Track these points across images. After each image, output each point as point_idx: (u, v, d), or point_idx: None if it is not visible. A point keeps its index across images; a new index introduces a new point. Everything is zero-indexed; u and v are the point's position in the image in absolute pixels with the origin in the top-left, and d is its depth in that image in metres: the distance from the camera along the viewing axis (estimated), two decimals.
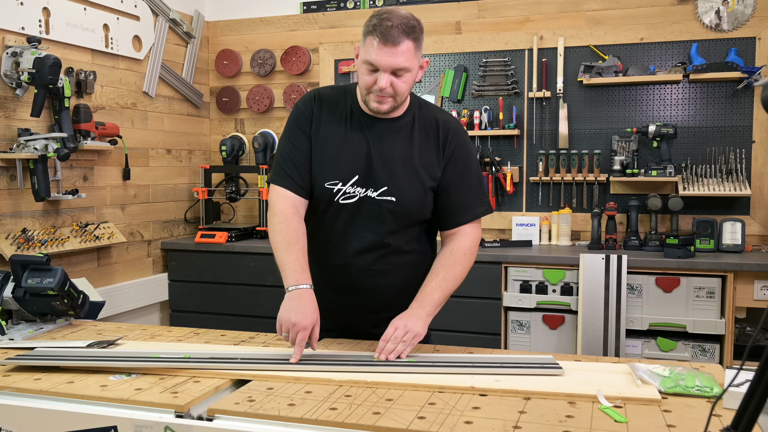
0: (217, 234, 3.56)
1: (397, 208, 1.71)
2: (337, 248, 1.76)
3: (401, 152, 1.72)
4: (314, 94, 1.78)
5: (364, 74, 1.63)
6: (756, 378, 0.83)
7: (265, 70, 4.00)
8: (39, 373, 1.48)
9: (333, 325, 1.84)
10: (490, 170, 3.59)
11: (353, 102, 1.75)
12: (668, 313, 2.98)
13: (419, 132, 1.75)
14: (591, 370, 1.48)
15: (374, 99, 1.64)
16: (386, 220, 1.71)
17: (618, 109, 3.49)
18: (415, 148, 1.73)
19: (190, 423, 1.25)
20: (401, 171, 1.71)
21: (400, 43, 1.58)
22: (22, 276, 1.86)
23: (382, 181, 1.70)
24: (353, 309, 1.81)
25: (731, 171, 3.29)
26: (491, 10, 3.65)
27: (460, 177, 1.75)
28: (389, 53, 1.57)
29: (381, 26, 1.58)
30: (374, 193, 1.70)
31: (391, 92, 1.62)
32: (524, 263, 3.15)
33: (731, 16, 3.29)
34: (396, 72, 1.60)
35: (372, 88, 1.62)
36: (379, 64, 1.58)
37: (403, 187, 1.70)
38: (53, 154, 2.74)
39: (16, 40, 2.72)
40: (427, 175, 1.73)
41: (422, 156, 1.73)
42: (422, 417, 1.21)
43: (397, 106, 1.68)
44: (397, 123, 1.74)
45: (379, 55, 1.57)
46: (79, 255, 3.09)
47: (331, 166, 1.72)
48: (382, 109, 1.66)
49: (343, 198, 1.71)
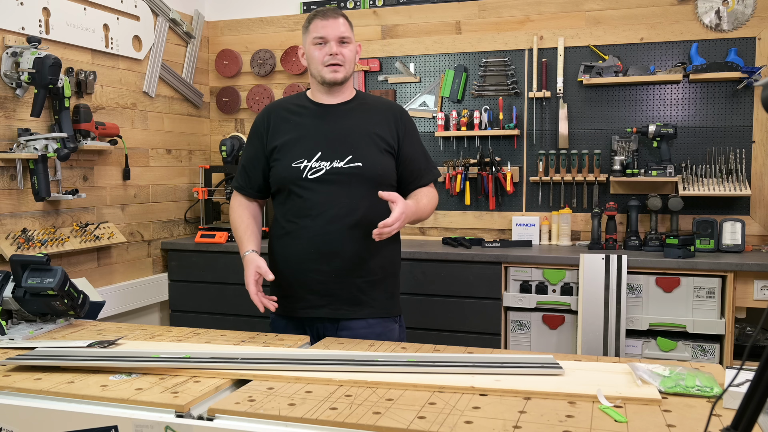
0: (217, 234, 3.56)
1: (365, 172, 1.95)
2: (317, 219, 1.95)
3: (357, 126, 2.00)
4: (267, 108, 2.11)
5: (315, 51, 1.96)
6: (756, 378, 0.83)
7: (265, 70, 4.00)
8: (39, 373, 1.48)
9: (323, 301, 1.97)
10: (490, 170, 3.59)
11: (305, 99, 2.06)
12: (668, 313, 2.98)
13: (369, 111, 2.04)
14: (591, 370, 1.48)
15: (329, 70, 1.96)
16: (356, 184, 1.94)
17: (618, 109, 3.49)
18: (369, 121, 2.01)
19: (191, 423, 1.25)
20: (361, 140, 1.98)
21: (338, 17, 1.96)
22: (22, 276, 1.86)
23: (346, 152, 1.95)
24: (340, 275, 1.96)
25: (731, 171, 3.29)
26: (491, 10, 3.65)
27: (415, 148, 2.08)
28: (332, 25, 1.95)
29: (319, 12, 1.98)
30: (341, 163, 1.95)
31: (341, 59, 1.95)
32: (524, 263, 3.15)
33: (731, 16, 3.29)
34: (340, 41, 1.95)
35: (325, 59, 1.95)
36: (326, 34, 1.94)
37: (366, 153, 1.96)
38: (53, 154, 2.74)
39: (16, 40, 2.72)
40: (384, 142, 2.00)
41: (377, 127, 2.00)
42: (422, 417, 1.21)
43: (348, 76, 2.00)
44: (347, 106, 2.03)
45: (326, 29, 1.94)
46: (79, 255, 3.09)
47: (294, 148, 1.98)
48: (338, 78, 1.96)
49: (311, 173, 1.95)
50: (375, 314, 2.01)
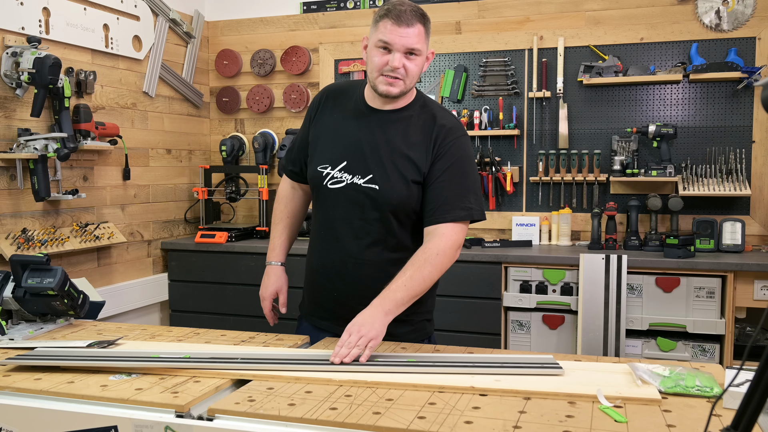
0: (217, 234, 3.56)
1: (378, 197, 1.73)
2: (326, 233, 1.84)
3: (392, 143, 1.75)
4: (325, 89, 1.92)
5: (376, 56, 1.68)
6: (756, 378, 0.83)
7: (265, 70, 4.00)
8: (39, 373, 1.48)
9: (327, 314, 1.90)
10: (490, 170, 3.59)
11: (360, 94, 1.82)
12: (668, 313, 2.98)
13: (415, 127, 1.77)
14: (591, 370, 1.48)
15: (385, 81, 1.69)
16: (368, 208, 1.75)
17: (618, 109, 3.49)
18: (407, 141, 1.75)
19: (191, 423, 1.25)
20: (387, 160, 1.74)
21: (414, 24, 1.65)
22: (22, 276, 1.86)
23: (369, 170, 1.75)
24: (342, 296, 1.84)
25: (731, 171, 3.29)
26: (491, 10, 3.65)
27: (447, 175, 1.72)
28: (403, 33, 1.64)
29: (395, 10, 1.65)
30: (361, 180, 1.75)
31: (402, 74, 1.67)
32: (524, 263, 3.15)
33: (731, 16, 3.29)
34: (408, 52, 1.67)
35: (384, 69, 1.67)
36: (393, 43, 1.65)
37: (387, 177, 1.73)
38: (53, 154, 2.74)
39: (16, 40, 2.72)
40: (414, 168, 1.73)
41: (412, 149, 1.74)
42: (422, 417, 1.21)
43: (406, 91, 1.72)
44: (395, 115, 1.78)
45: (393, 35, 1.64)
46: (79, 255, 3.09)
47: (324, 150, 1.81)
48: (392, 92, 1.70)
49: (331, 182, 1.78)
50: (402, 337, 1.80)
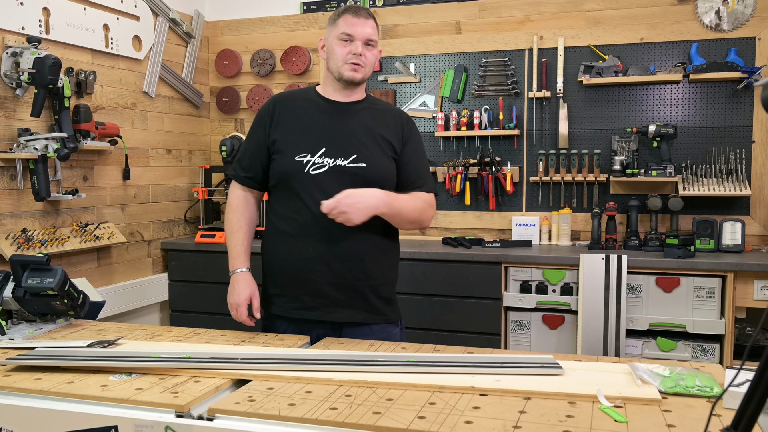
0: (217, 234, 3.56)
1: (368, 173, 1.91)
2: (318, 218, 1.87)
3: (365, 126, 1.97)
4: (274, 97, 2.06)
5: (339, 47, 1.92)
6: (756, 378, 0.83)
7: (265, 70, 4.00)
8: (39, 373, 1.48)
9: (318, 303, 1.93)
10: (490, 170, 3.59)
11: (314, 94, 2.02)
12: (668, 313, 2.98)
13: (379, 113, 2.01)
14: (591, 370, 1.48)
15: (350, 68, 1.91)
16: (359, 185, 1.86)
17: (618, 109, 3.49)
18: (378, 123, 1.98)
19: (191, 423, 1.25)
20: (368, 140, 1.94)
21: (369, 19, 1.94)
22: (22, 276, 1.86)
23: (351, 150, 1.92)
24: (337, 277, 1.92)
25: (731, 171, 3.29)
26: (491, 10, 3.65)
27: (416, 155, 2.02)
28: (362, 24, 1.91)
29: (351, 7, 1.94)
30: (345, 162, 1.91)
31: (364, 61, 1.92)
32: (524, 263, 3.15)
33: (731, 16, 3.29)
34: (367, 42, 1.92)
35: (348, 57, 1.91)
36: (355, 33, 1.90)
37: (371, 154, 1.93)
38: (53, 154, 2.74)
39: (16, 40, 2.72)
40: (389, 146, 1.97)
41: (384, 130, 1.98)
42: (422, 417, 1.21)
43: (366, 78, 1.96)
44: (356, 105, 2.00)
45: (355, 27, 1.91)
46: (79, 255, 3.09)
47: (299, 141, 1.93)
48: (356, 78, 1.93)
49: (314, 168, 1.90)
50: (373, 320, 1.96)
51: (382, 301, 1.98)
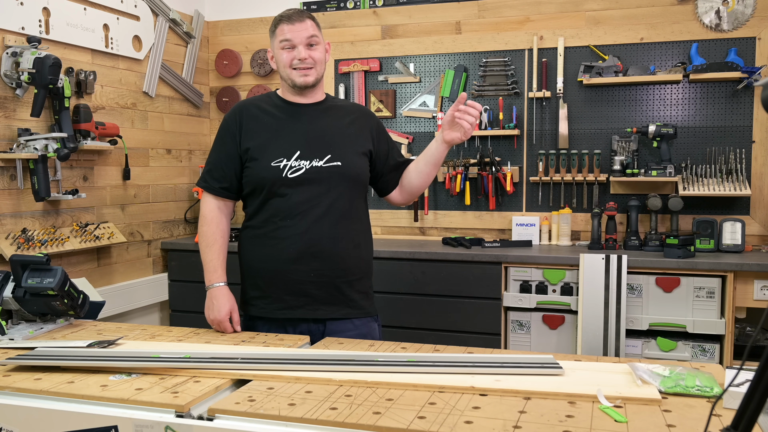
0: None
1: (345, 171, 1.96)
2: (299, 220, 1.93)
3: (334, 126, 2.01)
4: (237, 105, 2.06)
5: (283, 54, 1.96)
6: (756, 378, 0.83)
7: (265, 70, 4.00)
8: (39, 373, 1.48)
9: (300, 301, 1.95)
10: (490, 170, 3.59)
11: (275, 98, 2.04)
12: (668, 313, 2.98)
13: (344, 111, 2.07)
14: (591, 370, 1.48)
15: (299, 74, 1.95)
16: (336, 184, 1.94)
17: (618, 109, 3.49)
18: (346, 122, 2.03)
19: (191, 423, 1.25)
20: (339, 139, 1.98)
21: (304, 20, 1.96)
22: (22, 276, 1.86)
23: (325, 151, 1.95)
24: (318, 275, 1.95)
25: (731, 171, 3.29)
26: (491, 10, 3.65)
27: (391, 143, 2.14)
28: (299, 28, 1.95)
29: (285, 15, 1.98)
30: (320, 162, 1.94)
31: (311, 62, 1.96)
32: (524, 263, 3.15)
33: (731, 16, 3.29)
34: (308, 44, 1.95)
35: (293, 62, 1.95)
36: (294, 38, 1.94)
37: (345, 152, 1.97)
38: (53, 154, 2.74)
39: (16, 40, 2.72)
40: (359, 143, 2.02)
41: (353, 127, 2.03)
42: (422, 417, 1.21)
43: (319, 78, 2.00)
44: (321, 105, 2.04)
45: (292, 33, 1.94)
46: (79, 255, 3.09)
47: (272, 147, 1.95)
48: (309, 81, 1.96)
49: (291, 172, 1.93)
50: (354, 314, 2.00)
51: (361, 295, 2.04)
